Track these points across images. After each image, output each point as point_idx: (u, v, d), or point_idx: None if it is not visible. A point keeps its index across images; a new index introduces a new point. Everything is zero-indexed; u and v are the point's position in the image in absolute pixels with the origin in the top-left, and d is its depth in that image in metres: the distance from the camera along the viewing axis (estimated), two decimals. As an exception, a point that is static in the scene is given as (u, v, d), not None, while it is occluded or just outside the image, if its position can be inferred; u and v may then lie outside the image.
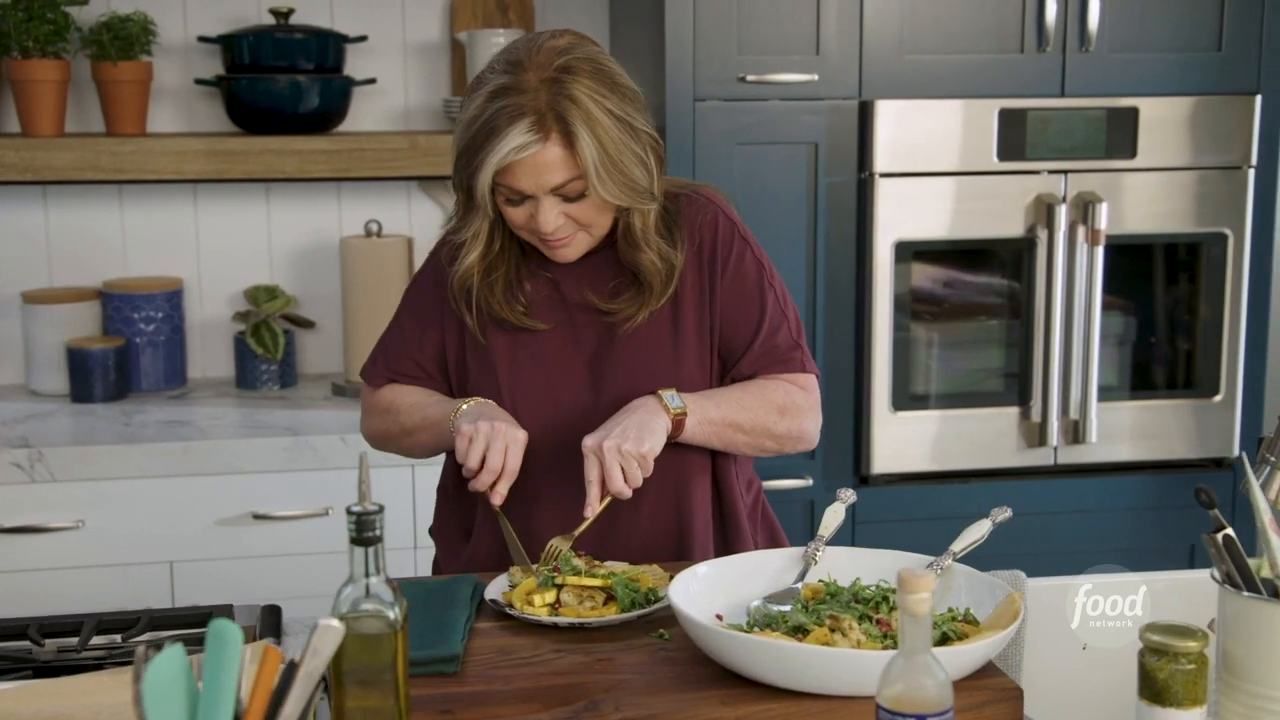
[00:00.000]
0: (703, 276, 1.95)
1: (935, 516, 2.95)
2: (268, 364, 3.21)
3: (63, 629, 1.74)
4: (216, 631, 1.08)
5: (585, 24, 3.35)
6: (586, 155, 1.78)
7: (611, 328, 1.94)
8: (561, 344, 1.95)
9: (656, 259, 1.90)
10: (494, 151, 1.77)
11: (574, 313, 1.95)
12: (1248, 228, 3.02)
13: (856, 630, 1.53)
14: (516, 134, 1.77)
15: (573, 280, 1.95)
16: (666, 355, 1.93)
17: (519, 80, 1.79)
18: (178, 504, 2.79)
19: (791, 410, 1.94)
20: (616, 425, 1.80)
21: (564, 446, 1.90)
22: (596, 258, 1.94)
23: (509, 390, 1.94)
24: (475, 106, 1.81)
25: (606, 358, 1.94)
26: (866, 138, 2.87)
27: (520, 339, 1.95)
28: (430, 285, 2.02)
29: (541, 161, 1.79)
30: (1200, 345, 3.07)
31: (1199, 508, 3.25)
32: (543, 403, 1.94)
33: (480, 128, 1.79)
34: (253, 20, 3.24)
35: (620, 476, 1.76)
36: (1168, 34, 2.97)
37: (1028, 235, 2.94)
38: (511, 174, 1.80)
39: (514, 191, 1.82)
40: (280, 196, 3.32)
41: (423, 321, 2.03)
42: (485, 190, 1.81)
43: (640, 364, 1.93)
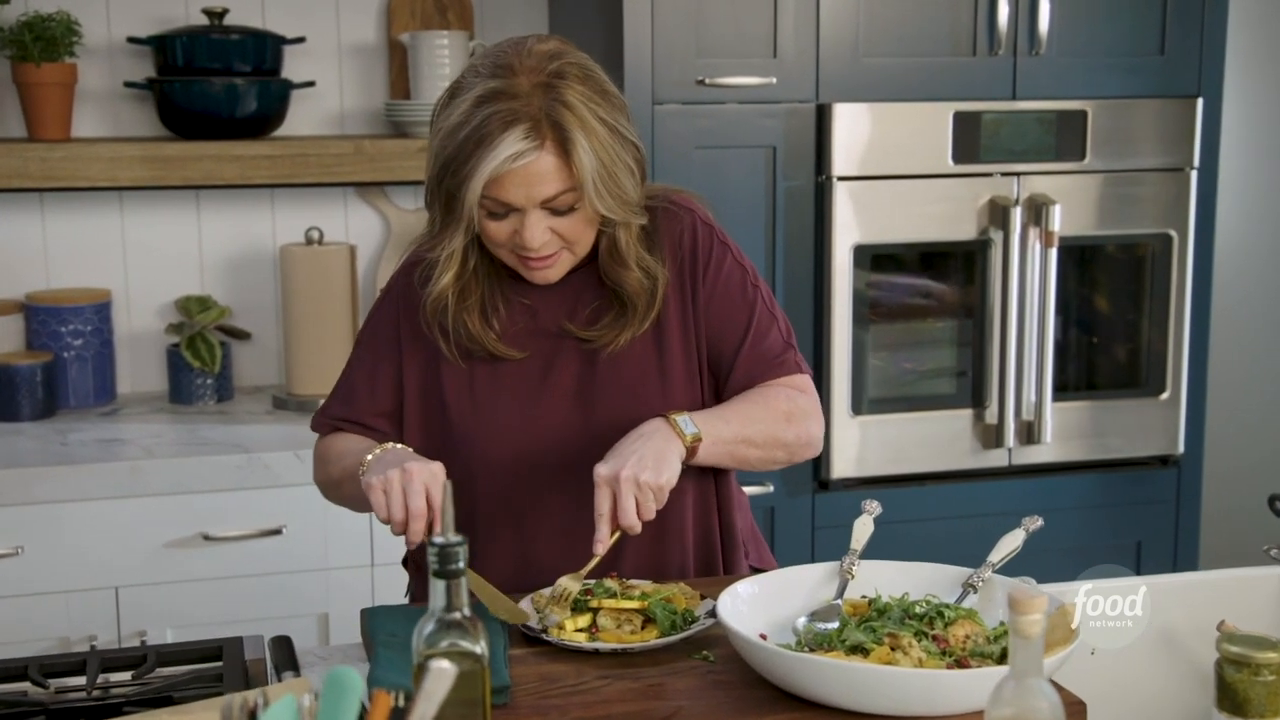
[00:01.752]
0: (684, 289, 1.87)
1: (895, 520, 2.92)
2: (203, 377, 3.09)
3: (64, 668, 1.64)
4: (336, 680, 1.01)
5: (524, 26, 3.30)
6: (585, 165, 1.69)
7: (593, 354, 1.85)
8: (541, 373, 1.85)
9: (642, 276, 1.82)
10: (486, 160, 1.66)
11: (552, 341, 1.86)
12: (1191, 228, 3.07)
13: (917, 648, 1.50)
14: (511, 141, 1.66)
15: (550, 306, 1.86)
16: (653, 378, 1.85)
17: (510, 84, 1.69)
18: (122, 527, 2.67)
19: (797, 415, 1.87)
20: (632, 454, 1.69)
21: (549, 479, 1.83)
22: (574, 280, 1.85)
23: (487, 422, 1.85)
24: (461, 112, 1.69)
25: (591, 386, 1.85)
26: (824, 141, 2.86)
27: (498, 369, 1.85)
28: (387, 320, 1.91)
29: (534, 172, 1.68)
30: (1147, 344, 3.11)
31: (1146, 505, 3.31)
32: (524, 435, 1.84)
33: (469, 134, 1.67)
34: (180, 21, 3.12)
35: (634, 510, 1.66)
36: (1113, 38, 3.00)
37: (982, 238, 2.95)
38: (500, 185, 1.69)
39: (500, 204, 1.71)
40: (211, 204, 3.21)
41: (376, 361, 1.90)
42: (473, 202, 1.69)
43: (627, 389, 1.84)
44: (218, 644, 1.69)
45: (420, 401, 1.88)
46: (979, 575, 1.67)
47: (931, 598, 1.62)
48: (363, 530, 2.76)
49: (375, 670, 1.54)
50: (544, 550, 1.84)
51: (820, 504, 2.98)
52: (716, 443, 1.79)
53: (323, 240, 3.08)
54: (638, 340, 1.84)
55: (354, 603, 2.77)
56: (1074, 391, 3.08)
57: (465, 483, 1.80)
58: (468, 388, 1.85)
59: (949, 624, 1.55)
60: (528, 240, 1.72)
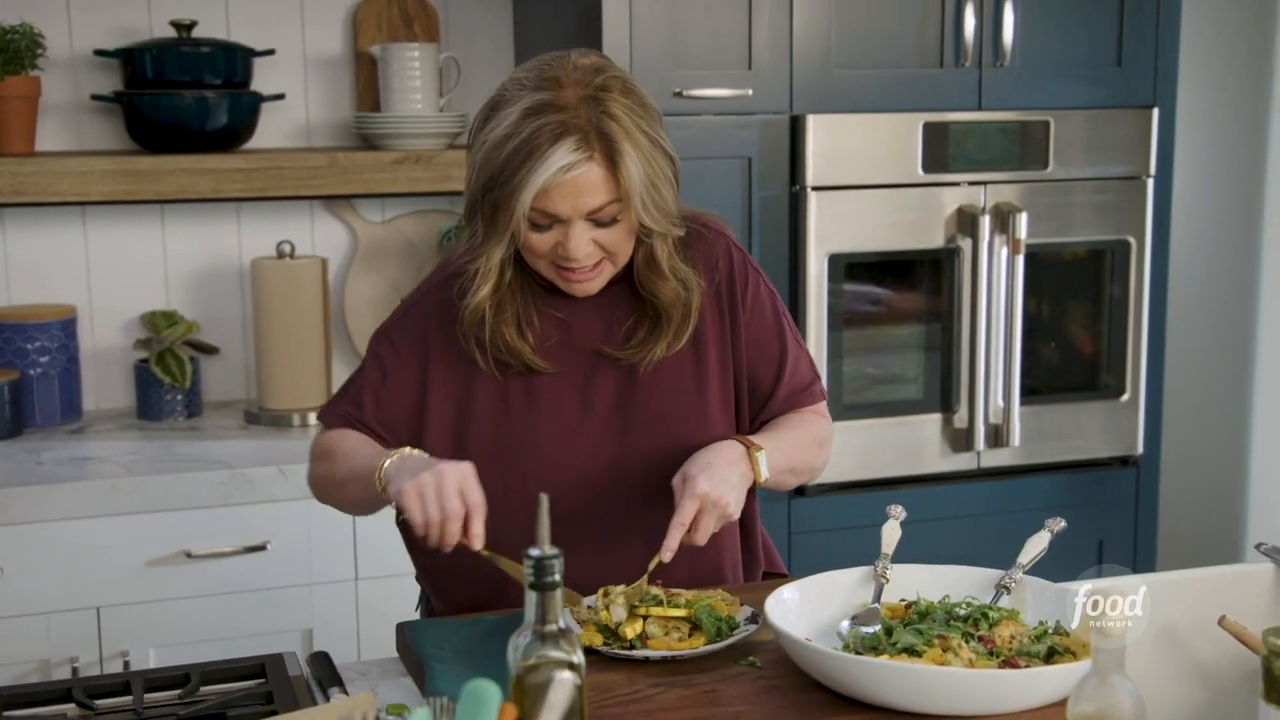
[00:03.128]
0: (723, 316, 1.90)
1: (869, 524, 2.97)
2: (173, 393, 3.06)
3: (108, 689, 1.62)
4: (474, 691, 1.03)
5: (490, 39, 3.31)
6: (632, 177, 1.71)
7: (631, 370, 1.86)
8: (579, 390, 1.86)
9: (679, 287, 1.84)
10: (538, 171, 1.67)
11: (588, 358, 1.87)
12: (1148, 234, 3.16)
13: (966, 649, 1.54)
14: (563, 153, 1.67)
15: (584, 321, 1.87)
16: (691, 398, 1.88)
17: (557, 97, 1.70)
18: (103, 546, 2.63)
19: (825, 442, 1.97)
20: (724, 480, 1.73)
21: (585, 495, 1.84)
22: (608, 295, 1.86)
23: (525, 438, 1.85)
24: (508, 124, 1.70)
25: (629, 404, 1.86)
26: (798, 151, 2.91)
27: (534, 384, 1.85)
28: (415, 331, 1.89)
29: (583, 184, 1.70)
30: (1108, 348, 3.19)
31: (1108, 504, 3.39)
32: (562, 450, 1.85)
33: (519, 146, 1.68)
34: (143, 33, 3.09)
35: (709, 531, 1.71)
36: (1074, 51, 3.08)
37: (950, 245, 3.01)
38: (549, 197, 1.70)
39: (546, 216, 1.72)
40: (176, 218, 3.17)
41: (396, 370, 1.88)
42: (522, 213, 1.70)
43: (666, 409, 1.86)
44: (259, 661, 1.69)
45: (451, 414, 1.87)
46: (1011, 576, 1.71)
47: (971, 599, 1.66)
48: (347, 544, 2.75)
49: (433, 682, 1.55)
50: (576, 567, 1.85)
51: (796, 510, 3.02)
52: (773, 472, 1.84)
53: (294, 254, 3.06)
54: (675, 359, 1.86)
55: (338, 618, 2.77)
56: (1040, 395, 3.15)
57: (501, 494, 1.81)
58: (503, 402, 1.85)
59: (993, 625, 1.59)
60: (572, 251, 1.73)
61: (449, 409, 1.87)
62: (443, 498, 1.63)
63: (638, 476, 1.84)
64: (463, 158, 3.05)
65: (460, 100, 3.26)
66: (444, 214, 3.30)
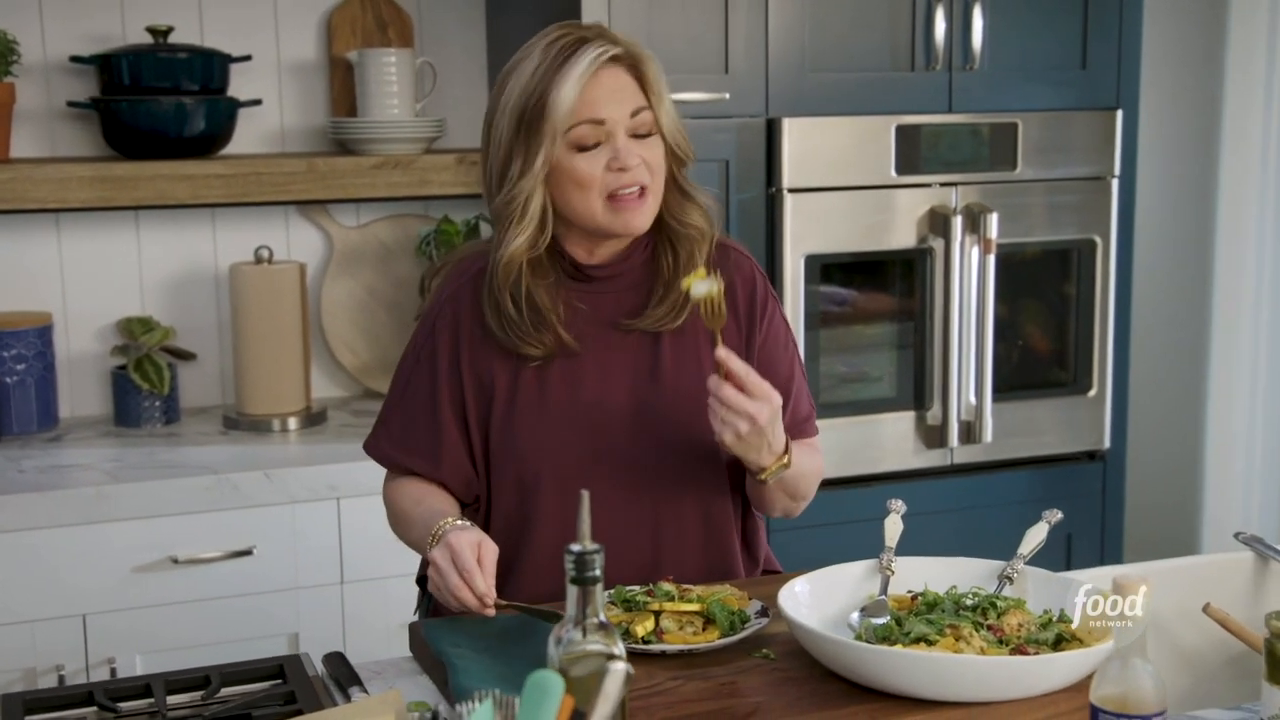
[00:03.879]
0: (740, 332, 1.95)
1: (846, 520, 3.03)
2: (151, 399, 3.06)
3: (129, 692, 1.63)
4: (537, 682, 1.05)
5: (463, 43, 3.33)
6: (658, 78, 1.84)
7: (653, 355, 1.91)
8: (601, 366, 1.91)
9: (703, 215, 1.92)
10: (573, 68, 1.78)
11: (609, 335, 1.91)
12: (1113, 233, 3.23)
13: (977, 638, 1.58)
14: (591, 49, 1.80)
15: (603, 306, 1.91)
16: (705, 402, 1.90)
17: (574, 29, 1.84)
18: (89, 553, 2.63)
19: (819, 477, 2.00)
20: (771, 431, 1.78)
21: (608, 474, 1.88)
22: (623, 282, 1.92)
23: (547, 421, 1.89)
24: (532, 63, 1.81)
25: (647, 403, 1.91)
26: (774, 154, 2.95)
27: (552, 370, 1.90)
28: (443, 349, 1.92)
29: (620, 84, 1.81)
30: (1075, 344, 3.26)
31: (1076, 498, 3.45)
32: (585, 431, 1.89)
33: (550, 62, 1.79)
34: (116, 40, 3.08)
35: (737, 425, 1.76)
36: (1040, 54, 3.15)
37: (922, 246, 3.07)
38: (592, 101, 1.78)
39: (592, 125, 1.79)
40: (151, 224, 3.17)
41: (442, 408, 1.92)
42: (568, 109, 1.77)
43: (682, 412, 1.90)
44: (278, 662, 1.70)
45: (480, 409, 1.92)
46: (1012, 567, 1.76)
47: (978, 590, 1.71)
48: (333, 548, 2.77)
49: (456, 678, 1.57)
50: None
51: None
52: (786, 479, 1.88)
53: (272, 259, 3.07)
54: (695, 363, 1.91)
55: (325, 622, 2.78)
56: (1010, 391, 3.21)
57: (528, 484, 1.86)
58: (529, 387, 1.89)
59: (1001, 614, 1.63)
60: (625, 159, 1.80)
61: (480, 404, 1.92)
62: (464, 574, 1.70)
63: (654, 458, 1.88)
64: (441, 162, 3.08)
65: (436, 105, 3.27)
66: (419, 218, 3.32)
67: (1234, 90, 3.67)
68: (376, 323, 3.29)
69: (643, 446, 1.89)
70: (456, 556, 1.71)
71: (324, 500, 2.75)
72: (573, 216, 1.86)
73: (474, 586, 1.69)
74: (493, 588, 1.71)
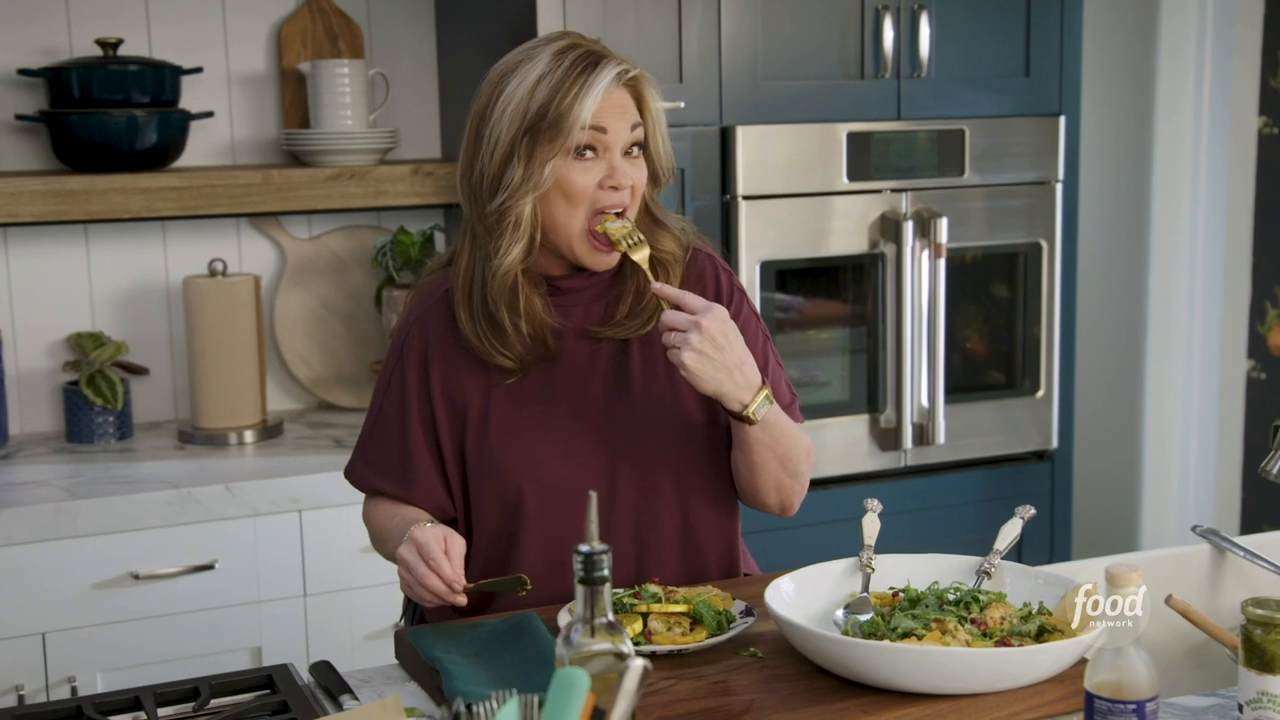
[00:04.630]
0: None
1: (803, 524, 3.05)
2: (105, 415, 3.03)
3: (119, 705, 1.62)
4: (564, 679, 1.07)
5: (413, 54, 3.33)
6: (656, 102, 1.86)
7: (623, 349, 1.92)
8: (573, 376, 1.91)
9: (676, 238, 1.93)
10: (595, 84, 1.78)
11: (580, 343, 1.92)
12: (1058, 237, 3.29)
13: (963, 631, 1.61)
14: (610, 66, 1.80)
15: (577, 314, 1.92)
16: (676, 411, 1.92)
17: (579, 41, 1.84)
18: (49, 570, 2.60)
19: (811, 454, 1.98)
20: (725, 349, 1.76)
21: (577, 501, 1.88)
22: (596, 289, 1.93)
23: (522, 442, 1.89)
24: (538, 71, 1.80)
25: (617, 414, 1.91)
26: (728, 162, 2.98)
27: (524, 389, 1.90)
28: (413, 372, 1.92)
29: (624, 103, 1.83)
30: (1023, 346, 3.32)
31: (1025, 498, 3.51)
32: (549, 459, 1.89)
33: (564, 75, 1.78)
34: (65, 53, 3.06)
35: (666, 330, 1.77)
36: (985, 62, 3.20)
37: (874, 251, 3.11)
38: (603, 113, 1.79)
39: (598, 136, 1.80)
40: (100, 238, 3.14)
41: (403, 416, 1.93)
42: (585, 121, 1.78)
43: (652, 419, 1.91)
44: (266, 672, 1.70)
45: (454, 430, 1.92)
46: (990, 562, 1.79)
47: (960, 584, 1.74)
48: (295, 561, 2.75)
49: (452, 683, 1.58)
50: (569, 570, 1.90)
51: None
52: (772, 425, 1.85)
53: (226, 272, 3.05)
54: (666, 372, 1.91)
55: (287, 635, 2.77)
56: (962, 393, 3.26)
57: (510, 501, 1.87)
58: (503, 403, 1.90)
59: (984, 607, 1.67)
60: (620, 177, 1.82)
61: (455, 426, 1.92)
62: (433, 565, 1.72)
63: (627, 481, 1.89)
64: (396, 173, 3.08)
65: (387, 117, 3.27)
66: (372, 229, 3.31)
67: (1165, 97, 3.76)
68: (331, 335, 3.28)
69: (619, 454, 1.90)
70: (422, 549, 1.72)
71: (286, 513, 2.74)
72: (552, 232, 1.85)
73: (441, 573, 1.70)
74: (461, 576, 1.72)
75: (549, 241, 1.87)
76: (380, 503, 1.99)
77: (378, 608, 2.81)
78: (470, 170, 1.87)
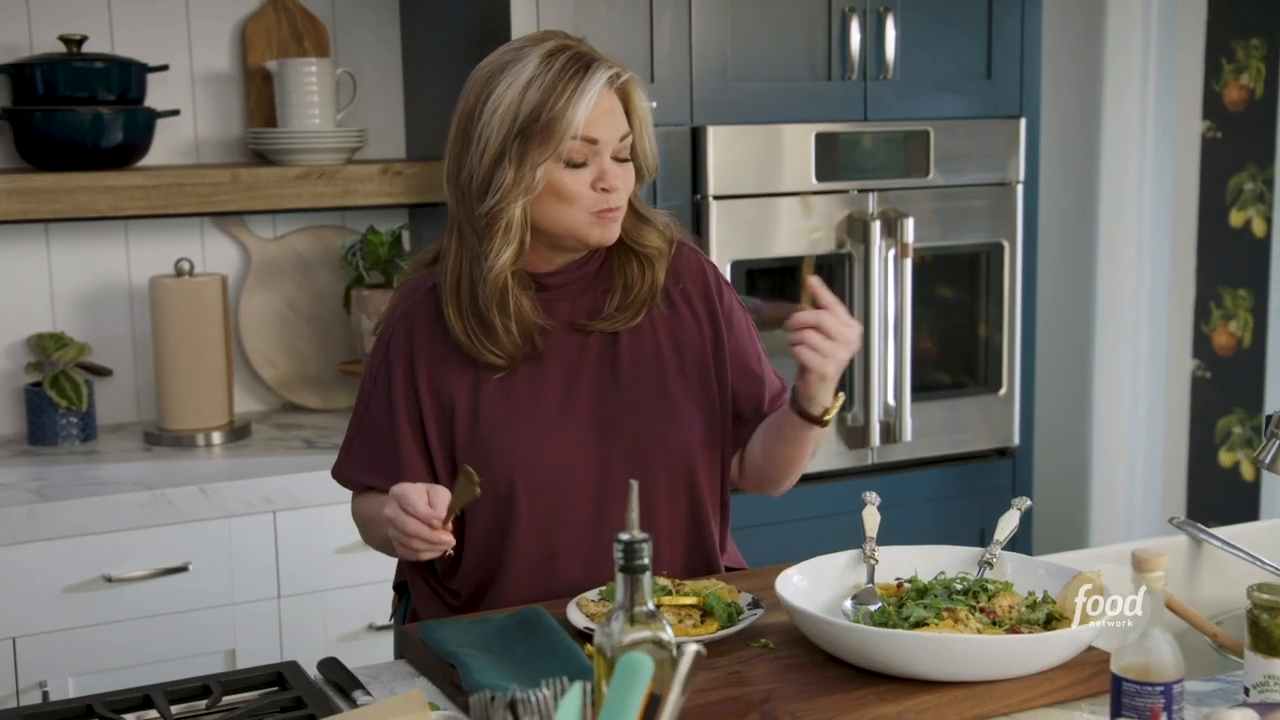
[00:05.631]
0: (701, 326, 1.97)
1: (773, 522, 3.09)
2: (68, 417, 2.98)
3: (128, 704, 1.61)
4: (628, 664, 1.07)
5: (377, 53, 3.32)
6: (644, 106, 1.87)
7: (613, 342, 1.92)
8: (562, 370, 1.91)
9: (660, 233, 1.95)
10: (587, 91, 1.77)
11: (569, 336, 1.92)
12: (1019, 237, 3.34)
13: (973, 620, 1.64)
14: (601, 72, 1.80)
15: (564, 308, 1.93)
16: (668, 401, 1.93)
17: (567, 42, 1.83)
18: (19, 574, 2.56)
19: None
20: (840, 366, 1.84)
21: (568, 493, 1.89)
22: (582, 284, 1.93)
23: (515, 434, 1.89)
24: (529, 73, 1.79)
25: (608, 404, 1.92)
26: (699, 162, 2.99)
27: (515, 381, 1.90)
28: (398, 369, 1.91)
29: (614, 109, 1.82)
30: (986, 345, 3.36)
31: (988, 494, 3.56)
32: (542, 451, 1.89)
33: (555, 78, 1.77)
34: (25, 49, 3.01)
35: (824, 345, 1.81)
36: (948, 64, 3.25)
37: (841, 250, 3.14)
38: (593, 122, 1.79)
39: (588, 144, 1.79)
40: (61, 238, 3.10)
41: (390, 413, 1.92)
42: (578, 127, 1.77)
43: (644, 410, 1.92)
44: (275, 669, 1.69)
45: (441, 426, 1.91)
46: (991, 553, 1.82)
47: (966, 575, 1.77)
48: (269, 563, 2.73)
49: (470, 676, 1.57)
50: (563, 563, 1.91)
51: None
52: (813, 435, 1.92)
53: (193, 271, 3.02)
54: (656, 362, 1.93)
55: (261, 637, 2.75)
56: (927, 391, 3.30)
57: (501, 495, 1.87)
58: (493, 398, 1.89)
59: (992, 596, 1.69)
60: (611, 180, 1.82)
61: (440, 419, 1.91)
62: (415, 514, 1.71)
63: (618, 474, 1.90)
64: (365, 172, 3.07)
65: (355, 116, 3.26)
66: (337, 229, 3.30)
67: (1112, 101, 3.83)
68: (296, 335, 3.26)
69: (611, 447, 1.90)
70: (403, 500, 1.71)
71: (260, 514, 2.72)
72: (551, 227, 1.85)
73: (417, 513, 1.69)
74: (439, 513, 1.70)
75: (545, 235, 1.87)
76: (369, 495, 1.97)
77: (352, 609, 2.79)
78: (458, 171, 1.86)
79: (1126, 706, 1.32)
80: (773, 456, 1.96)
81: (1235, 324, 3.86)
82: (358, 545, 2.77)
